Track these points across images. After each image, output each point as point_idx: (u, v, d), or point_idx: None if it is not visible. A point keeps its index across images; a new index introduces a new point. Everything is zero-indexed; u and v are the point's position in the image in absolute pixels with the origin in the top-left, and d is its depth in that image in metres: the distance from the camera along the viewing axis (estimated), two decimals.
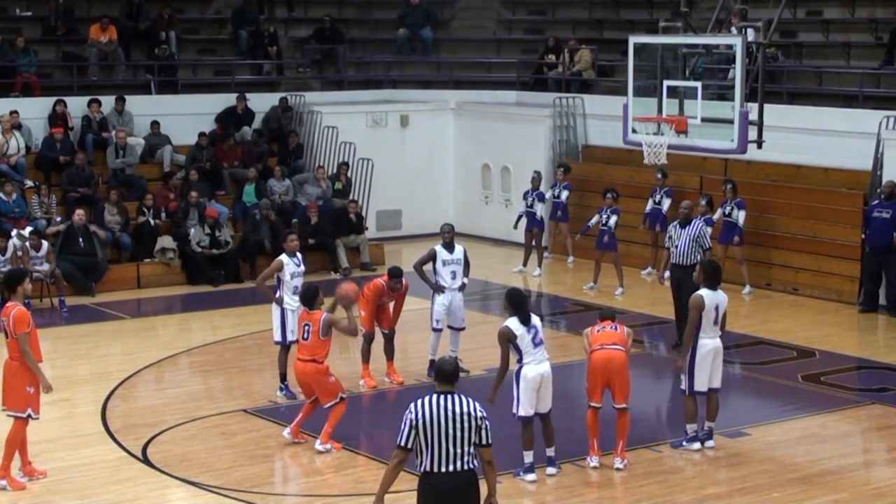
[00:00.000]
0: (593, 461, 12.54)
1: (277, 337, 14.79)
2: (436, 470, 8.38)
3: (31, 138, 22.83)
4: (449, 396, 8.46)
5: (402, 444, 8.39)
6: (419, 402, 8.47)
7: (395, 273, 15.14)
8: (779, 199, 21.14)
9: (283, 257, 14.76)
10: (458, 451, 8.37)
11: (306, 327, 13.01)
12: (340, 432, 13.19)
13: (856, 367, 16.91)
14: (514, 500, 11.85)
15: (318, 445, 12.97)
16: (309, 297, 13.20)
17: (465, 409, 8.42)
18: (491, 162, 25.95)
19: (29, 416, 11.85)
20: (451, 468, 8.38)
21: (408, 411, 8.46)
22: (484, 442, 8.48)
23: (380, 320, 15.27)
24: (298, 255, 14.92)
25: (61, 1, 25.02)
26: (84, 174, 22.12)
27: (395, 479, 8.57)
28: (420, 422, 8.36)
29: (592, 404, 12.52)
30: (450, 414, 8.38)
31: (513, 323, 11.93)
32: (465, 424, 8.40)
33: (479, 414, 8.46)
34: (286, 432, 13.18)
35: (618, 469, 12.42)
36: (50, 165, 22.42)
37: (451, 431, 8.36)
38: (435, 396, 8.46)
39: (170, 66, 25.30)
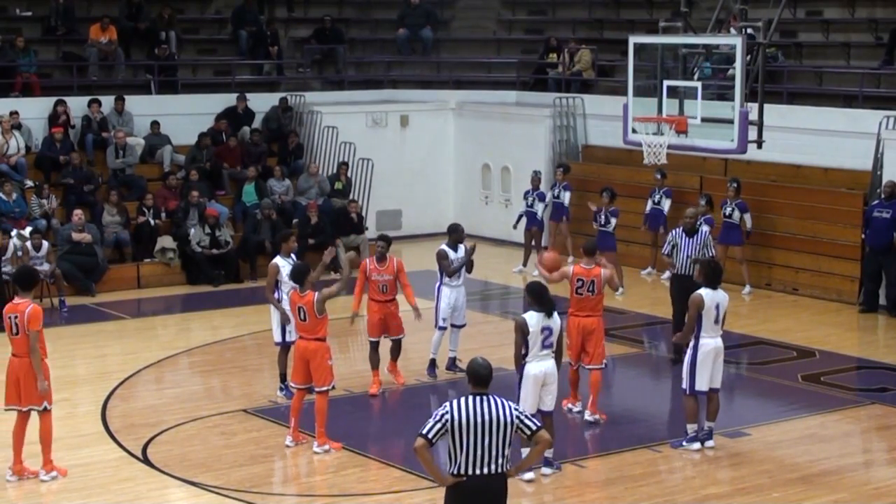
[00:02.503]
0: (576, 407, 14.14)
1: (277, 338, 14.79)
2: (470, 472, 8.34)
3: (31, 138, 22.84)
4: (485, 398, 8.39)
5: (428, 434, 8.29)
6: (455, 402, 8.36)
7: (380, 237, 15.04)
8: (779, 199, 21.14)
9: (278, 259, 14.74)
10: (494, 453, 8.35)
11: (301, 309, 12.94)
12: (341, 432, 13.23)
13: (856, 367, 16.91)
14: (513, 500, 11.80)
15: (316, 448, 12.96)
16: (300, 276, 13.11)
17: (501, 411, 8.37)
18: (491, 162, 25.96)
19: (46, 408, 12.03)
20: (485, 471, 8.35)
21: (443, 408, 8.34)
22: (534, 429, 8.49)
23: (388, 328, 15.03)
24: (293, 255, 14.89)
25: (61, 1, 25.03)
26: (82, 173, 22.11)
27: (432, 458, 8.48)
28: (457, 422, 8.28)
29: (572, 364, 13.84)
30: (486, 416, 8.32)
31: (530, 317, 11.93)
32: (503, 425, 8.35)
33: (514, 413, 8.43)
34: (289, 441, 13.15)
35: (590, 423, 13.76)
36: (50, 165, 22.43)
37: (488, 433, 8.31)
38: (471, 398, 8.38)
39: (170, 66, 25.30)
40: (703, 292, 12.82)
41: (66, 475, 12.28)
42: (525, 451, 12.06)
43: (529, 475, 12.05)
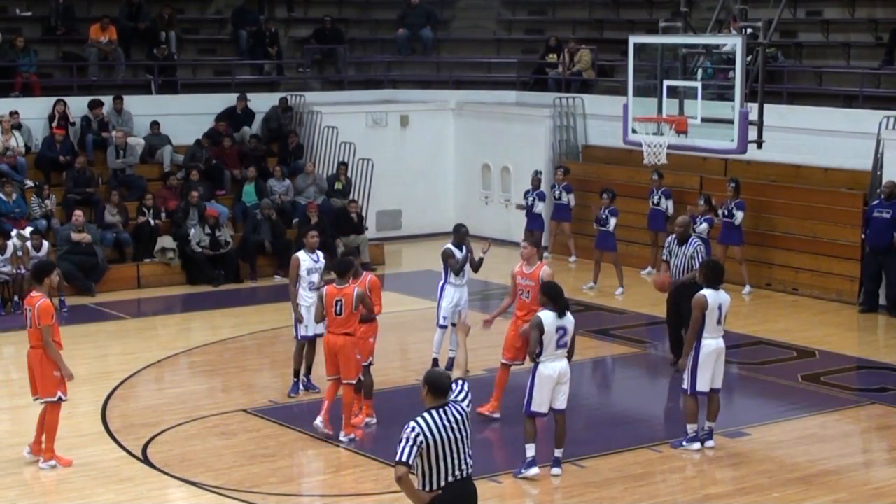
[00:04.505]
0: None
1: (294, 332, 14.81)
2: (444, 483, 8.31)
3: (31, 138, 22.84)
4: (445, 410, 8.34)
5: (408, 461, 8.15)
6: (423, 422, 8.23)
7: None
8: (779, 199, 21.14)
9: (300, 253, 14.79)
10: (463, 456, 8.34)
11: (338, 303, 12.97)
12: (340, 433, 13.21)
13: (856, 367, 16.90)
14: (514, 500, 11.86)
15: (342, 437, 13.11)
16: (341, 270, 13.15)
17: (459, 415, 8.37)
18: (491, 162, 25.95)
19: (59, 399, 12.34)
20: (457, 475, 8.32)
21: (412, 430, 8.17)
22: (463, 388, 8.58)
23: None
24: (318, 252, 14.88)
25: (61, 1, 25.03)
26: (85, 176, 22.11)
27: (413, 484, 8.40)
28: (431, 442, 8.20)
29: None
30: (453, 426, 8.30)
31: (546, 317, 11.91)
32: (466, 428, 8.37)
33: (462, 408, 8.42)
34: (318, 421, 13.18)
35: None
36: (50, 165, 22.43)
37: (456, 443, 8.29)
38: (436, 413, 8.29)
39: (170, 66, 25.30)
40: (706, 293, 12.81)
41: (69, 465, 12.41)
42: (529, 448, 12.12)
43: (534, 470, 12.04)
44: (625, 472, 12.44)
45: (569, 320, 12.00)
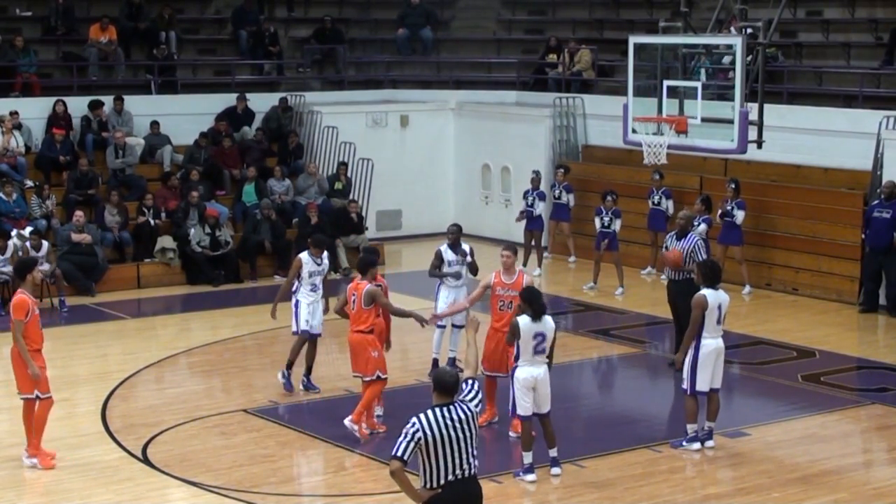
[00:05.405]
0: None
1: (293, 327, 14.88)
2: (443, 482, 8.33)
3: (31, 138, 22.83)
4: (449, 408, 8.36)
5: (403, 456, 8.22)
6: (424, 418, 8.29)
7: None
8: (779, 199, 21.14)
9: (304, 255, 14.89)
10: (465, 455, 8.36)
11: (353, 297, 13.17)
12: (341, 432, 13.21)
13: (856, 367, 16.90)
14: (514, 500, 11.86)
15: (346, 422, 13.14)
16: (363, 266, 13.36)
17: (465, 414, 8.39)
18: (491, 162, 25.95)
19: (37, 397, 12.26)
20: (458, 474, 8.34)
21: (412, 426, 8.25)
22: (475, 387, 8.62)
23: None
24: (323, 256, 14.94)
25: (61, 1, 25.03)
26: (87, 177, 22.11)
27: (408, 479, 8.43)
28: (430, 438, 8.24)
29: None
30: (456, 425, 8.32)
31: (523, 321, 11.90)
32: (471, 427, 8.39)
33: (469, 407, 8.44)
34: (348, 420, 13.23)
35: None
36: (50, 165, 22.42)
37: (460, 441, 8.31)
38: (438, 410, 8.34)
39: (170, 66, 25.30)
40: (706, 293, 12.80)
41: (49, 468, 12.32)
42: (526, 455, 12.12)
43: (531, 476, 12.05)
44: (625, 472, 12.44)
45: (547, 326, 11.95)
